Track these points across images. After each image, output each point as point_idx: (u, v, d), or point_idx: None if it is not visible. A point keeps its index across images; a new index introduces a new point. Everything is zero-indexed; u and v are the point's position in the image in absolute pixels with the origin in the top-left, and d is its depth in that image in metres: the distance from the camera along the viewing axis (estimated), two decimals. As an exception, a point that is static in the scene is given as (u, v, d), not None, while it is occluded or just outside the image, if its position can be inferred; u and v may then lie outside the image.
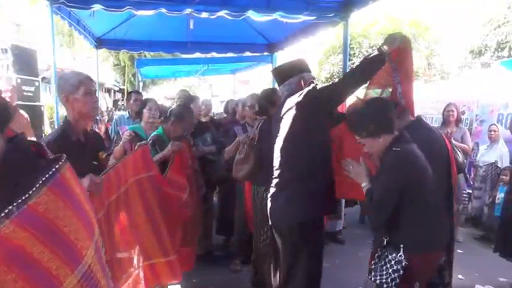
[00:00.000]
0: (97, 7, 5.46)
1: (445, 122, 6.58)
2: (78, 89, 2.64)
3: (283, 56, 9.66)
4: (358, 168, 2.94)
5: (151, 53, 16.70)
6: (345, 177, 3.24)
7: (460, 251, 6.13)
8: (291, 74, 3.27)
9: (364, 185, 2.86)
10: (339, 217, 6.28)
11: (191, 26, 6.40)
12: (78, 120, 2.73)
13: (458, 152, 5.13)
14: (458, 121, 6.59)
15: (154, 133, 4.33)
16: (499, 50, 20.13)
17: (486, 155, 7.06)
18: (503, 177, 6.34)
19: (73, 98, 2.65)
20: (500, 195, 6.36)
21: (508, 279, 5.05)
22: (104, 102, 21.13)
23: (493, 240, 5.86)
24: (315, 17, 6.39)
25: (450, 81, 17.03)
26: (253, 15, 5.99)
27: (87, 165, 2.67)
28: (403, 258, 2.58)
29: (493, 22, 20.82)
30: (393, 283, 2.58)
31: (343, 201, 6.22)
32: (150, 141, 4.07)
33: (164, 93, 27.64)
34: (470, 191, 7.41)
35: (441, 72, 23.23)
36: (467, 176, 6.86)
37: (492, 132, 7.01)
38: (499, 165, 6.77)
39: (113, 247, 2.79)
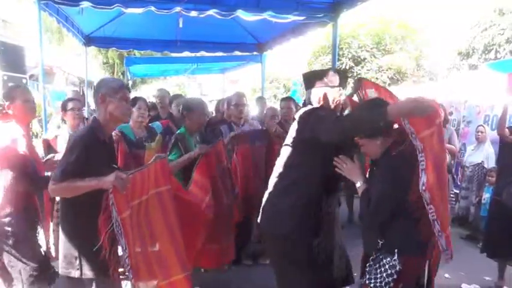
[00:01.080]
0: (85, 4, 5.44)
1: None
2: (116, 93, 2.78)
3: (273, 56, 9.68)
4: (351, 165, 2.86)
5: (141, 52, 16.61)
6: None
7: (447, 251, 6.18)
8: (313, 84, 3.19)
9: (359, 185, 2.81)
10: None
11: (180, 25, 6.39)
12: (108, 122, 2.83)
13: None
14: (445, 122, 6.64)
15: (178, 132, 4.30)
16: (486, 52, 20.31)
17: (473, 156, 7.12)
18: (490, 178, 6.41)
19: (109, 99, 2.76)
20: (486, 196, 6.44)
21: (493, 278, 5.09)
22: (93, 100, 21.00)
23: (479, 239, 5.92)
24: (304, 17, 6.42)
25: (438, 82, 17.14)
26: (242, 15, 6.00)
27: (109, 166, 2.79)
28: (397, 262, 2.58)
29: (480, 25, 21.00)
30: (387, 287, 2.59)
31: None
32: (173, 140, 4.06)
33: (154, 92, 27.53)
34: (458, 191, 7.48)
35: (430, 74, 23.39)
36: (455, 176, 6.92)
37: (479, 133, 7.07)
38: (486, 165, 6.85)
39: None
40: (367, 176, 2.92)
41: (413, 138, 2.60)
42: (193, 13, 5.88)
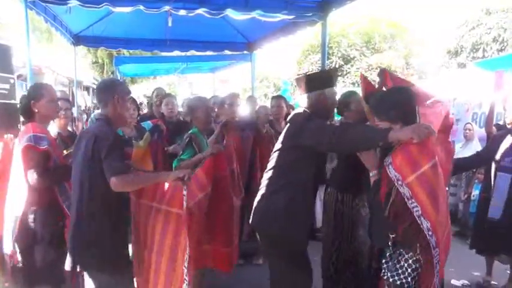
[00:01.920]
0: (73, 3, 5.39)
1: None
2: (127, 97, 3.12)
3: (263, 55, 9.69)
4: (369, 153, 2.82)
5: (130, 51, 16.55)
6: None
7: (436, 248, 6.22)
8: (311, 88, 3.17)
9: (373, 173, 2.80)
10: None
11: (170, 24, 6.37)
12: (116, 121, 3.06)
13: None
14: None
15: (190, 131, 4.26)
16: (474, 51, 20.50)
17: (461, 153, 7.16)
18: (479, 175, 6.46)
19: (122, 101, 3.03)
20: (475, 192, 6.49)
21: (482, 273, 5.14)
22: (83, 100, 20.86)
23: (468, 235, 5.96)
24: (293, 16, 6.41)
25: (428, 80, 17.23)
26: (231, 14, 5.98)
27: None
28: (420, 256, 2.53)
29: (468, 24, 21.19)
30: (413, 282, 2.55)
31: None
32: (187, 140, 4.05)
33: (144, 91, 27.43)
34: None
35: (419, 72, 23.52)
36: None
37: (467, 131, 7.14)
38: (474, 162, 6.89)
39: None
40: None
41: (399, 186, 2.48)
42: (182, 12, 5.86)
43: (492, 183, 4.52)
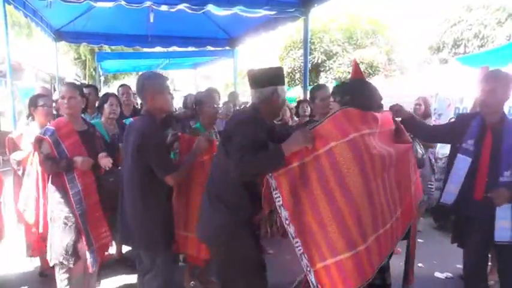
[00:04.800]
0: (54, -3, 5.35)
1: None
2: (165, 88, 3.22)
3: (244, 51, 9.70)
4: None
5: (112, 47, 16.42)
6: None
7: (420, 240, 6.27)
8: (265, 83, 3.01)
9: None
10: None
11: (151, 19, 6.34)
12: (157, 113, 3.18)
13: (418, 148, 5.24)
14: (426, 115, 6.72)
15: (193, 127, 4.30)
16: (456, 47, 20.74)
17: (445, 148, 7.18)
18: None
19: (159, 95, 3.14)
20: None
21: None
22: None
23: (449, 228, 6.01)
24: (275, 12, 6.42)
25: (410, 76, 17.39)
26: (213, 9, 5.98)
27: None
28: None
29: (449, 21, 21.42)
30: None
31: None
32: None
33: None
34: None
35: (401, 68, 23.68)
36: (434, 167, 6.99)
37: (450, 126, 7.19)
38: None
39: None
40: None
41: (269, 177, 2.61)
42: (164, 7, 5.84)
43: None
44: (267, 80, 3.01)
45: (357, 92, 2.84)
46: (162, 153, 3.04)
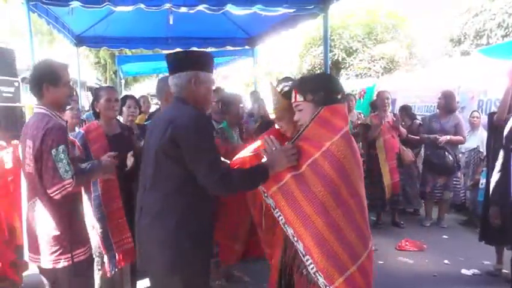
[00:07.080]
0: (75, 4, 5.41)
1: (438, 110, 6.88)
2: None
3: (265, 50, 9.70)
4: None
5: (132, 50, 16.53)
6: None
7: (445, 237, 6.22)
8: (184, 67, 2.56)
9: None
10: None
11: (171, 21, 6.38)
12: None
13: (449, 155, 5.25)
14: (449, 109, 6.65)
15: (219, 126, 4.39)
16: (478, 38, 20.33)
17: (468, 141, 7.11)
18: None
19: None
20: (483, 180, 6.43)
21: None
22: (87, 101, 20.89)
23: (477, 224, 5.92)
24: (294, 10, 6.39)
25: (431, 69, 17.13)
26: (232, 9, 5.98)
27: None
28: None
29: (471, 11, 21.00)
30: None
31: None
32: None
33: (147, 90, 27.45)
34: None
35: (422, 61, 23.39)
36: (460, 163, 6.91)
37: (475, 119, 7.11)
38: (481, 149, 6.84)
39: None
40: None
41: (265, 198, 2.44)
42: (183, 9, 5.87)
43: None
44: (186, 64, 2.58)
45: (329, 87, 2.50)
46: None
